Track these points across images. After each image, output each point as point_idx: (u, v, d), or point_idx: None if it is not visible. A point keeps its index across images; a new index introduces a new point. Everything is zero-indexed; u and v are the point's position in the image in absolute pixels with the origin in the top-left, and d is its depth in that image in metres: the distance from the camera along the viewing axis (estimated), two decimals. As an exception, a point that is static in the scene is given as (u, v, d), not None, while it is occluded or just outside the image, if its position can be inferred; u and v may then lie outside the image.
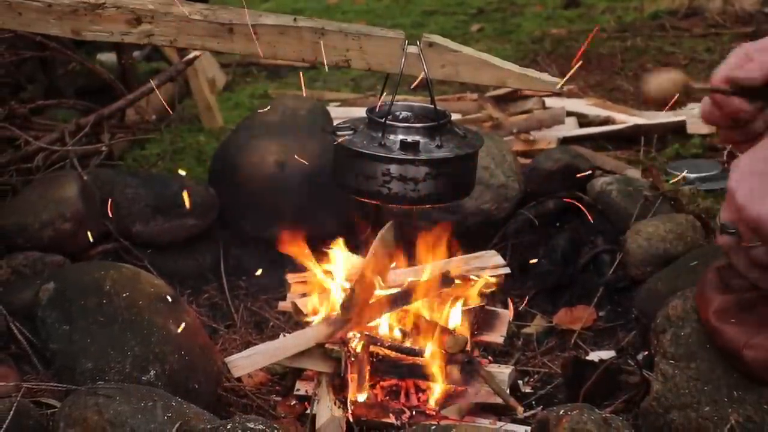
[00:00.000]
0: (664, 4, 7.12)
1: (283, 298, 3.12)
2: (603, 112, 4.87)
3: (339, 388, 2.81)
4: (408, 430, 2.32)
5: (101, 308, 2.63)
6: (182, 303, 2.86)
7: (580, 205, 3.42)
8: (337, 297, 2.89)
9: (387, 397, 2.85)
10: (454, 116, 3.09)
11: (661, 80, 2.63)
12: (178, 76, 4.38)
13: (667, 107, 2.45)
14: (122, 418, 2.21)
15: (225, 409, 2.81)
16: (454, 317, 2.88)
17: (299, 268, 3.06)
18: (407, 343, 2.84)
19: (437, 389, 2.82)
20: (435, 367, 2.78)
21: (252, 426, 2.17)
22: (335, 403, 2.75)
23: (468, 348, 2.81)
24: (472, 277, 2.92)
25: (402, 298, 2.85)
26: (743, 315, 2.18)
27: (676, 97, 2.43)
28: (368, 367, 2.79)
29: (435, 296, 2.88)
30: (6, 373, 2.52)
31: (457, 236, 3.02)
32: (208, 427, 2.19)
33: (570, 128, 4.69)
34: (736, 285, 2.20)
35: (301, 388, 2.94)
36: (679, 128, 4.58)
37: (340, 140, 2.55)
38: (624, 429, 2.20)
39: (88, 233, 3.21)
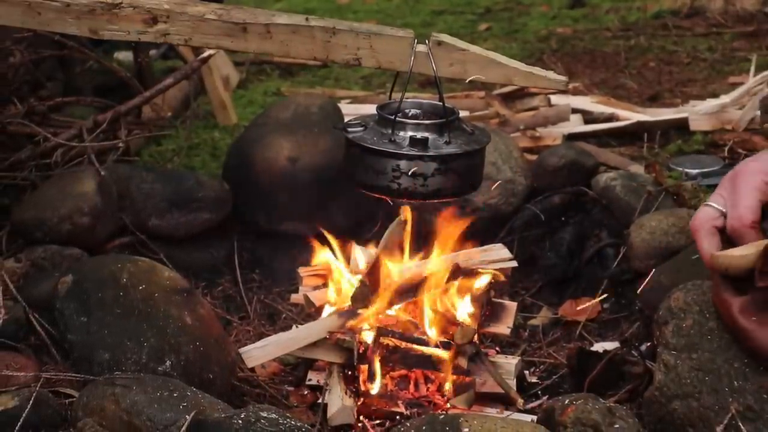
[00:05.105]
0: (667, 3, 7.14)
1: (296, 291, 3.15)
2: (607, 109, 4.87)
3: (350, 378, 2.85)
4: (417, 420, 2.31)
5: (118, 300, 2.63)
6: (197, 295, 2.86)
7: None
8: (349, 289, 2.93)
9: (396, 387, 2.87)
10: (462, 113, 3.12)
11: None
12: (193, 74, 4.40)
13: None
14: (139, 407, 2.24)
15: (239, 398, 2.83)
16: (463, 309, 2.92)
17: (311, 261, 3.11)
18: (417, 334, 2.87)
19: (445, 379, 2.85)
20: (443, 358, 2.82)
21: (265, 415, 2.20)
22: (346, 393, 2.79)
23: (476, 339, 2.84)
24: (480, 269, 2.96)
25: (412, 290, 2.88)
26: (763, 314, 2.16)
27: None
28: (379, 358, 2.83)
29: (444, 288, 2.91)
30: (25, 364, 2.54)
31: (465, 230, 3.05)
32: (223, 416, 2.21)
33: (575, 125, 4.70)
34: (746, 285, 2.19)
35: (313, 378, 2.98)
36: (681, 125, 4.60)
37: (350, 136, 2.59)
38: (627, 418, 2.25)
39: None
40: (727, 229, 2.25)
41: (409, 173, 2.49)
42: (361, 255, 3.03)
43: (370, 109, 2.89)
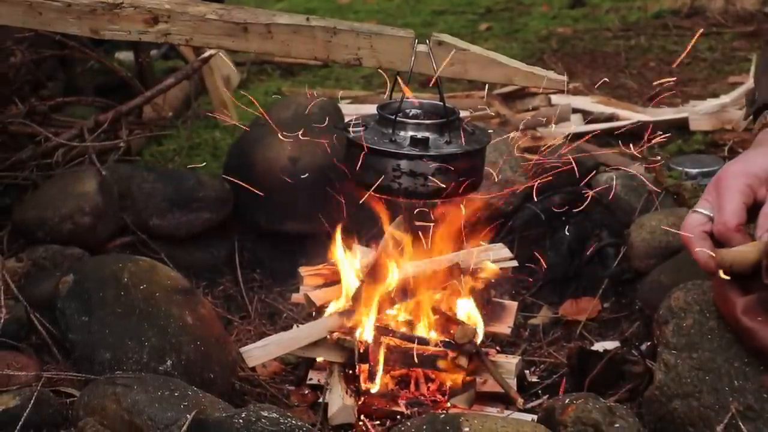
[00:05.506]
0: (667, 3, 7.15)
1: (296, 290, 3.15)
2: (608, 109, 4.89)
3: (351, 378, 2.86)
4: (417, 419, 2.31)
5: (119, 300, 2.64)
6: (198, 295, 2.87)
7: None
8: (350, 288, 2.94)
9: (397, 387, 2.88)
10: (463, 113, 3.12)
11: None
12: (193, 74, 4.41)
13: None
14: (140, 406, 2.24)
15: (240, 397, 2.84)
16: (463, 308, 2.92)
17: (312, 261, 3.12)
18: (417, 334, 2.88)
19: (446, 379, 2.86)
20: (444, 357, 2.82)
21: (266, 414, 2.20)
22: (347, 392, 2.79)
23: (476, 338, 2.85)
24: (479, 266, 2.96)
25: (412, 290, 2.88)
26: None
27: None
28: (379, 357, 2.83)
29: (444, 287, 2.91)
30: (27, 363, 2.53)
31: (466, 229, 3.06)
32: (224, 415, 2.21)
33: (575, 125, 4.72)
34: (753, 286, 2.18)
35: (314, 377, 2.98)
36: (681, 125, 4.61)
37: (351, 136, 2.60)
38: (628, 417, 2.25)
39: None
40: (714, 234, 2.25)
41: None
42: (362, 255, 3.03)
43: (371, 109, 2.89)
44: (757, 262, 2.10)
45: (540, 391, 3.01)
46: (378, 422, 2.78)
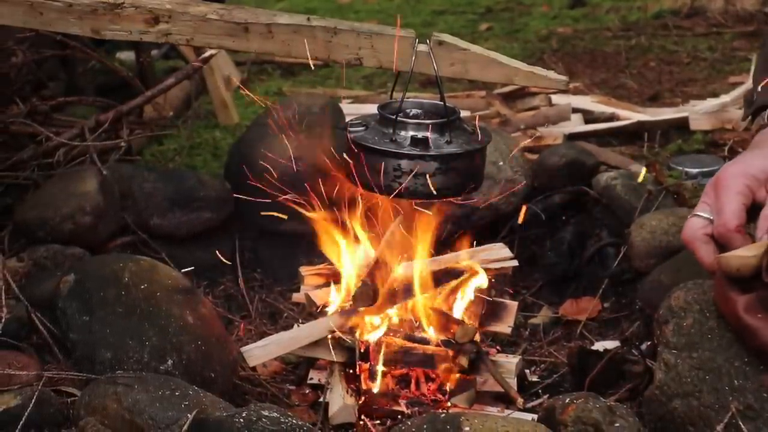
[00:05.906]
0: (668, 3, 7.15)
1: (297, 290, 3.14)
2: (608, 109, 4.89)
3: (351, 377, 2.86)
4: (418, 418, 2.31)
5: (120, 299, 2.63)
6: (199, 294, 2.86)
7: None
8: (351, 288, 2.93)
9: (397, 386, 2.87)
10: (463, 113, 3.13)
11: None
12: (194, 74, 4.41)
13: None
14: (140, 406, 2.24)
15: (241, 397, 2.83)
16: (463, 308, 2.92)
17: (313, 261, 3.12)
18: (417, 333, 2.87)
19: (446, 378, 2.85)
20: (444, 357, 2.81)
21: (267, 414, 2.19)
22: (347, 392, 2.79)
23: (477, 338, 2.84)
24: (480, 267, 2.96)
25: (413, 289, 2.88)
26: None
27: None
28: (380, 357, 2.82)
29: (444, 287, 2.91)
30: (27, 363, 2.52)
31: (466, 229, 3.06)
32: (224, 414, 2.21)
33: (576, 124, 4.72)
34: (753, 284, 2.17)
35: (314, 377, 2.97)
36: (681, 124, 4.61)
37: (352, 136, 2.60)
38: (628, 417, 2.25)
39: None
40: (714, 236, 2.26)
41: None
42: (362, 255, 3.03)
43: (372, 108, 2.89)
44: (759, 264, 2.11)
45: (540, 391, 3.01)
46: (378, 422, 2.78)
